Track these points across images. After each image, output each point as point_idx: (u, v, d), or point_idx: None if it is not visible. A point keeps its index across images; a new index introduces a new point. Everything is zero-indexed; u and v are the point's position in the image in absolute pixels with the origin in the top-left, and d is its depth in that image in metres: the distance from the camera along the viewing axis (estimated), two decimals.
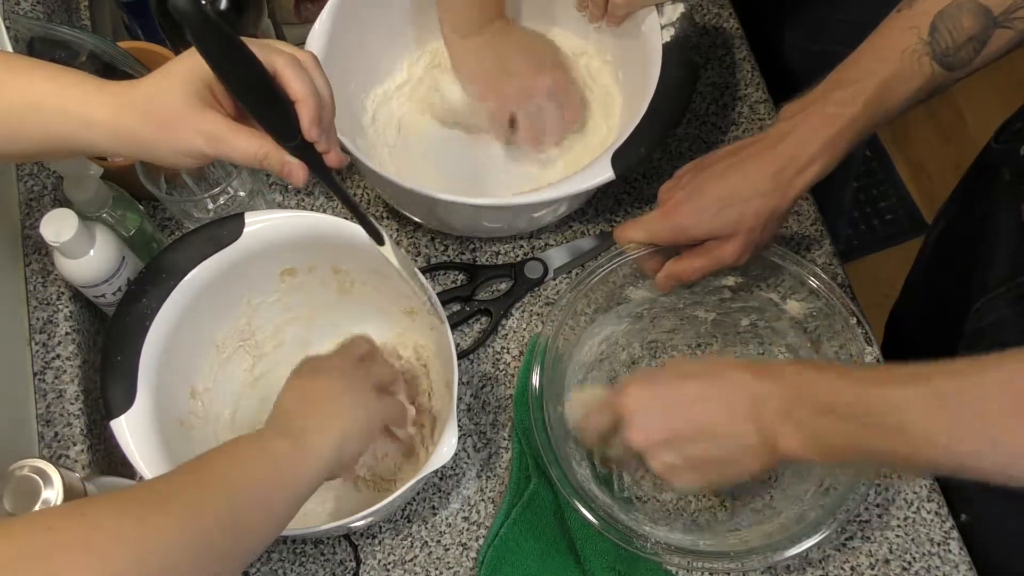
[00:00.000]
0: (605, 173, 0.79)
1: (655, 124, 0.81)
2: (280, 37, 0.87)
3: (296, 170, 0.61)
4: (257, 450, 0.61)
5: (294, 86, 0.60)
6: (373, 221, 0.69)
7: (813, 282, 0.80)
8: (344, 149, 0.78)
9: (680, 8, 0.85)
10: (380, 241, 0.70)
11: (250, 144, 0.61)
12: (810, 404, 0.61)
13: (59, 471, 0.61)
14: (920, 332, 0.77)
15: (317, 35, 0.85)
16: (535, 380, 0.78)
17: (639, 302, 0.84)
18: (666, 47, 0.83)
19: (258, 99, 0.59)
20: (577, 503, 0.73)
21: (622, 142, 0.80)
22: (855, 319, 0.79)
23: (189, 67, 0.60)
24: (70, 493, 0.62)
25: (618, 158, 0.79)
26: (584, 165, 0.81)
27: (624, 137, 0.80)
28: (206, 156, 0.62)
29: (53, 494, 0.61)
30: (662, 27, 0.84)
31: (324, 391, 0.67)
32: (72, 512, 0.49)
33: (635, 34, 0.87)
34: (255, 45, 0.58)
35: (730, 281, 0.83)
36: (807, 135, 0.70)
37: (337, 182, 0.65)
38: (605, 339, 0.85)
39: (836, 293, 0.80)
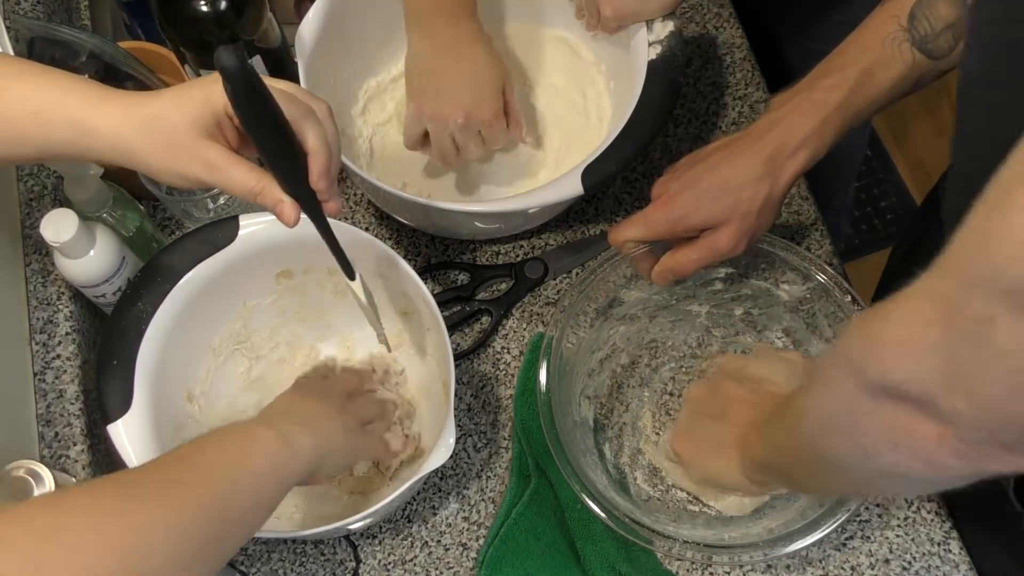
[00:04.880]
0: (576, 187, 0.79)
1: (629, 142, 0.80)
2: (281, 36, 0.87)
3: (288, 210, 0.63)
4: (245, 437, 0.62)
5: (309, 139, 0.62)
6: (349, 259, 0.71)
7: (804, 265, 0.81)
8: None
9: (670, 26, 0.84)
10: (351, 276, 0.72)
11: (248, 177, 0.62)
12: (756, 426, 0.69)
13: (52, 472, 0.62)
14: None
15: (312, 19, 0.85)
16: (543, 379, 0.78)
17: (633, 303, 0.85)
18: (651, 64, 0.83)
19: (276, 148, 0.61)
20: (596, 508, 0.73)
21: (593, 159, 0.80)
22: (849, 297, 0.79)
23: (204, 98, 0.61)
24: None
25: (588, 174, 0.79)
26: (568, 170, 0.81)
27: (598, 153, 0.80)
28: (201, 182, 0.63)
29: (45, 492, 0.61)
30: (650, 44, 0.84)
31: (315, 407, 0.72)
32: (51, 511, 0.48)
33: (625, 48, 0.87)
34: (278, 95, 0.60)
35: (721, 273, 0.84)
36: (795, 122, 0.72)
37: (328, 225, 0.67)
38: (604, 343, 0.85)
39: (828, 273, 0.80)
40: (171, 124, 0.61)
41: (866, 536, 0.80)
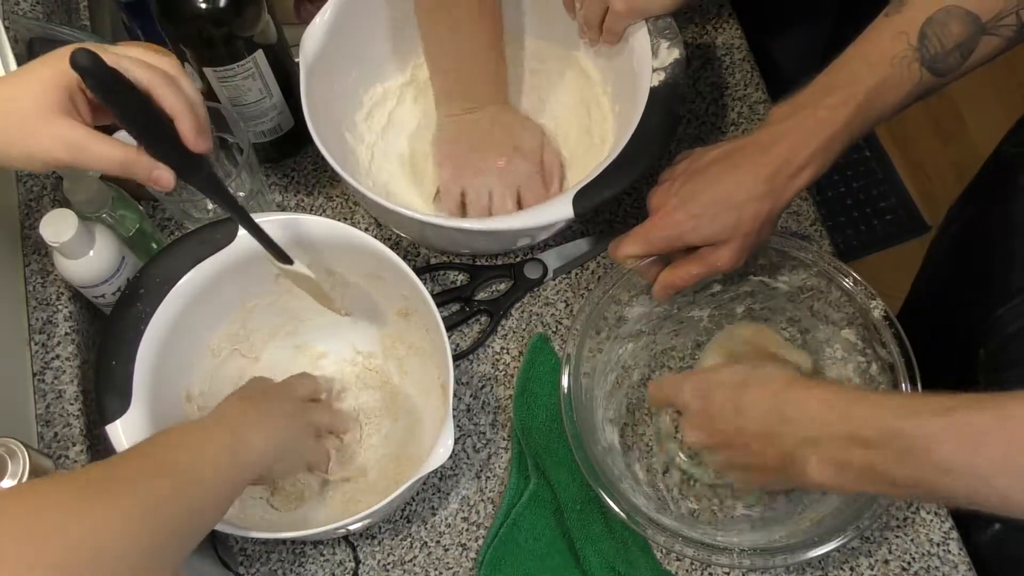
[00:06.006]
0: (567, 211, 0.78)
1: (623, 171, 0.79)
2: (279, 37, 0.87)
3: (165, 174, 0.63)
4: (201, 437, 0.63)
5: (170, 103, 0.61)
6: (279, 245, 0.72)
7: (799, 253, 0.80)
8: (328, 164, 0.80)
9: (675, 54, 0.83)
10: (288, 261, 0.74)
11: (115, 152, 0.61)
12: (839, 434, 0.61)
13: (27, 449, 0.62)
14: (931, 341, 0.77)
15: (319, 24, 0.85)
16: (565, 386, 0.78)
17: (636, 319, 0.84)
18: (653, 92, 0.82)
19: (145, 124, 0.61)
20: (662, 537, 0.73)
21: (585, 184, 0.79)
22: (850, 279, 0.79)
23: (53, 74, 0.60)
24: (36, 472, 0.62)
25: (580, 199, 0.78)
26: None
27: (591, 178, 0.79)
28: (64, 164, 0.62)
29: (19, 469, 0.61)
30: (654, 70, 0.83)
31: (272, 410, 0.71)
32: (7, 496, 0.49)
33: (629, 71, 0.86)
34: (132, 64, 0.59)
35: (719, 274, 0.83)
36: (801, 139, 0.70)
37: (233, 200, 0.68)
38: (615, 366, 0.84)
39: (825, 259, 0.80)
40: (22, 107, 0.59)
41: (865, 537, 0.80)
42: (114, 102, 0.59)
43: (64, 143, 0.60)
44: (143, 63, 0.61)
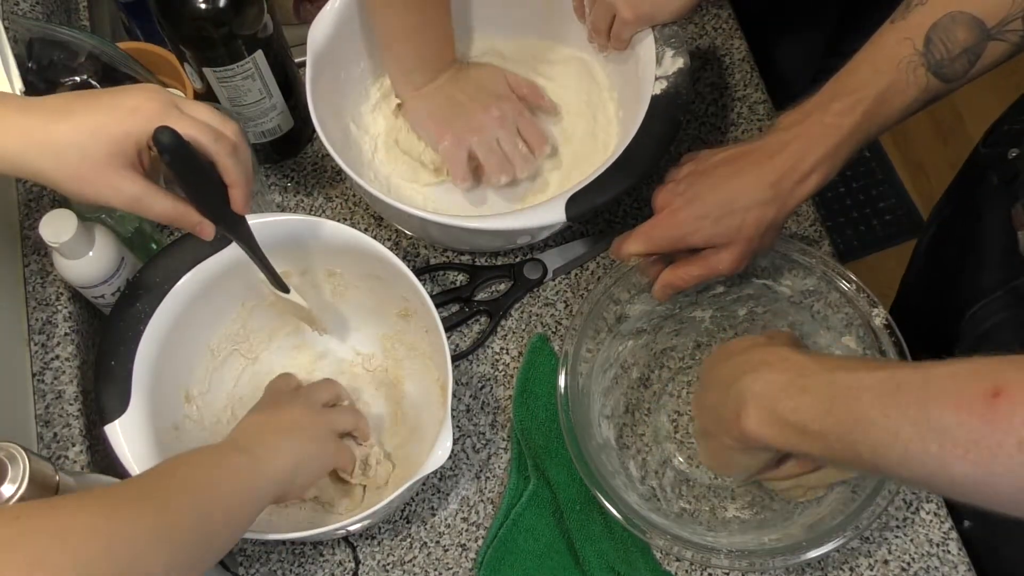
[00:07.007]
0: (559, 215, 0.79)
1: (619, 177, 0.79)
2: (279, 37, 0.87)
3: (207, 228, 0.68)
4: (218, 459, 0.65)
5: (231, 173, 0.66)
6: (279, 275, 0.77)
7: (802, 258, 0.80)
8: (327, 165, 0.80)
9: (679, 63, 0.83)
10: (285, 290, 0.78)
11: (165, 206, 0.65)
12: (779, 382, 0.61)
13: (27, 455, 0.62)
14: (915, 336, 0.77)
15: (329, 12, 0.85)
16: (562, 383, 0.78)
17: (638, 317, 0.84)
18: (655, 99, 0.82)
19: (205, 192, 0.67)
20: (641, 534, 0.73)
21: (579, 188, 0.79)
22: (852, 285, 0.79)
23: (124, 132, 0.62)
24: (36, 477, 0.62)
25: (573, 203, 0.78)
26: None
27: (585, 183, 0.79)
28: (114, 208, 0.65)
29: (19, 474, 0.61)
30: (656, 78, 0.83)
31: (287, 423, 0.72)
32: (41, 505, 0.50)
33: (634, 78, 0.86)
34: (200, 129, 0.63)
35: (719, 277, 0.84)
36: (807, 146, 0.70)
37: (256, 244, 0.73)
38: (613, 363, 0.84)
39: (829, 264, 0.80)
40: (87, 155, 0.62)
41: (864, 537, 0.80)
42: (181, 172, 0.63)
43: (124, 196, 0.64)
44: (212, 131, 0.64)
